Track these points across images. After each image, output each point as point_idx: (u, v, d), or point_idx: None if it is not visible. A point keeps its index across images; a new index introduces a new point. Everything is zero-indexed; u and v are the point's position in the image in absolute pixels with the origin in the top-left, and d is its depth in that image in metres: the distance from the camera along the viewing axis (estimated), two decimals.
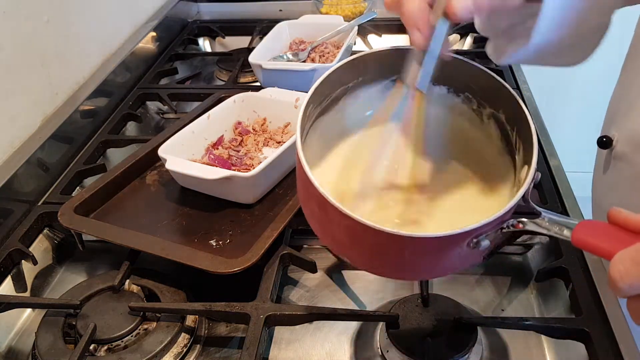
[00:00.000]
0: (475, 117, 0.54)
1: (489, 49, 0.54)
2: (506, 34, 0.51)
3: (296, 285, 0.69)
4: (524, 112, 0.47)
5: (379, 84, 0.55)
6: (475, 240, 0.42)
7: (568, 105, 1.92)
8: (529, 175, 0.44)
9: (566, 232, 0.41)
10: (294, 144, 0.74)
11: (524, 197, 0.43)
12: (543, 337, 0.61)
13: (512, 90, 0.48)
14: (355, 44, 1.18)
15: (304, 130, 0.48)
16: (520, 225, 0.43)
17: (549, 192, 0.75)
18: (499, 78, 0.49)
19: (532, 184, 0.44)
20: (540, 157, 0.82)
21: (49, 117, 0.87)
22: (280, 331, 0.63)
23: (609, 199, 0.68)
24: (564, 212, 0.71)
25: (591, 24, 0.51)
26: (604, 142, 0.66)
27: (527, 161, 0.46)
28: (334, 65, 0.50)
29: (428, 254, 0.44)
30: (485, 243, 0.42)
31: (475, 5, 0.42)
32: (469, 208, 0.50)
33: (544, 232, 0.43)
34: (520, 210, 0.43)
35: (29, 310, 0.68)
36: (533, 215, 0.43)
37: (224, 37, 1.34)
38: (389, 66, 0.53)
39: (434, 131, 0.54)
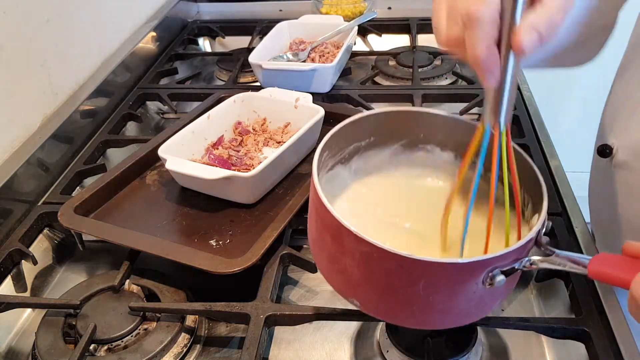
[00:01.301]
0: (483, 183, 0.54)
1: None
2: None
3: (296, 285, 0.69)
4: (532, 168, 0.49)
5: (391, 147, 0.57)
6: (490, 274, 0.43)
7: (568, 105, 1.92)
8: (539, 219, 0.45)
9: (581, 267, 0.43)
10: (294, 144, 0.74)
11: (536, 241, 0.45)
12: (543, 337, 0.61)
13: (520, 149, 0.50)
14: (355, 44, 1.18)
15: (320, 168, 0.49)
16: (534, 266, 0.45)
17: (549, 192, 0.74)
18: None
19: (544, 230, 0.46)
20: (540, 157, 0.82)
21: (49, 117, 0.87)
22: (280, 331, 0.63)
23: (608, 207, 0.68)
24: (564, 212, 0.71)
25: (598, 24, 0.51)
26: (605, 151, 0.66)
27: (537, 210, 0.47)
28: (347, 120, 0.52)
29: (443, 288, 0.44)
30: (501, 279, 0.43)
31: (542, 39, 0.40)
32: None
33: (559, 268, 0.45)
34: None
35: (29, 310, 0.68)
36: (546, 255, 0.45)
37: (224, 37, 1.34)
38: (403, 128, 0.54)
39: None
